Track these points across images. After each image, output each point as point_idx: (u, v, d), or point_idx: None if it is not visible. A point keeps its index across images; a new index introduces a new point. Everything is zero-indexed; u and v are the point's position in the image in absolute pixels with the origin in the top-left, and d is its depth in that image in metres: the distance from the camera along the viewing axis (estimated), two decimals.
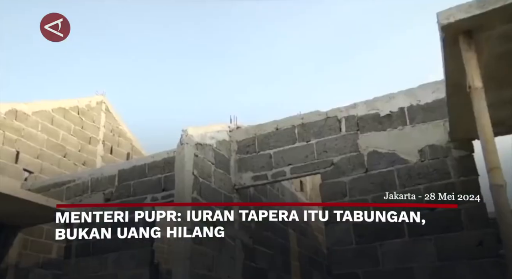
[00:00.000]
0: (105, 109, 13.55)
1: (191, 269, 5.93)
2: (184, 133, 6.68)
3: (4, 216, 8.59)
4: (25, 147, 10.45)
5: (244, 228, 7.47)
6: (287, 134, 7.25)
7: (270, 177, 7.19)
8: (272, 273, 8.16)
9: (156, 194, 7.92)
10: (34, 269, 9.72)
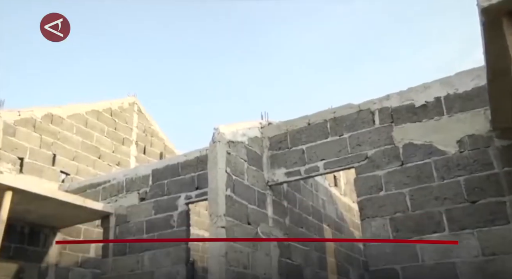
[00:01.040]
0: (137, 110, 13.74)
1: (226, 267, 5.91)
2: (216, 131, 6.67)
3: (44, 217, 8.81)
4: (61, 150, 10.69)
5: (278, 225, 7.42)
6: (319, 129, 7.13)
7: (303, 173, 7.10)
8: (308, 270, 8.08)
9: (190, 192, 7.97)
10: (73, 268, 9.95)
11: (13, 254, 8.64)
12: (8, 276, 8.52)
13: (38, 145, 10.20)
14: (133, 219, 8.44)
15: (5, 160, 9.37)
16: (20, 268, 8.74)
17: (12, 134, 9.67)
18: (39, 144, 10.23)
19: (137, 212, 8.46)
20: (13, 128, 9.73)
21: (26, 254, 8.89)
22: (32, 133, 10.13)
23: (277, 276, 6.97)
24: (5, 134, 9.52)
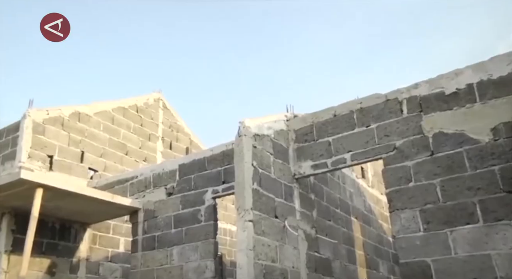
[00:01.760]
0: (163, 106, 13.84)
1: (255, 260, 5.90)
2: (242, 125, 6.65)
3: (74, 213, 8.97)
4: (89, 147, 10.84)
5: (306, 218, 7.37)
6: (346, 120, 7.02)
7: (330, 165, 7.00)
8: (337, 263, 8.01)
9: (217, 187, 7.97)
10: (104, 262, 10.12)
11: (45, 249, 8.83)
12: (42, 271, 8.71)
13: (67, 143, 10.37)
14: (161, 214, 8.51)
15: (35, 158, 9.56)
16: (53, 262, 8.93)
17: (41, 133, 9.85)
18: (68, 142, 10.40)
19: (164, 207, 8.52)
20: (42, 127, 9.91)
21: (57, 249, 9.08)
22: (60, 132, 10.30)
23: (305, 270, 6.93)
24: (34, 133, 9.71)
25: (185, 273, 7.85)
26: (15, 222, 8.33)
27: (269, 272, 6.11)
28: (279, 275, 6.30)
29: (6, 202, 7.99)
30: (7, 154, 9.76)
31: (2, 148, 9.98)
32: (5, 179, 7.52)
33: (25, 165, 9.25)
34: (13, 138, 9.77)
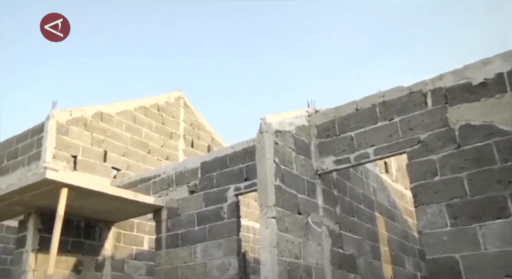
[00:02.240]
0: (184, 104, 13.90)
1: (278, 257, 5.86)
2: (263, 121, 6.60)
3: (98, 212, 9.06)
4: (111, 146, 10.95)
5: (329, 214, 7.29)
6: (368, 114, 6.90)
7: (352, 160, 6.90)
8: (361, 259, 7.92)
9: (239, 184, 7.95)
10: (128, 260, 10.22)
11: (71, 248, 8.94)
12: (68, 269, 8.83)
13: (90, 143, 10.49)
14: (184, 212, 8.53)
15: (59, 158, 9.70)
16: (78, 261, 9.04)
17: (65, 133, 9.99)
18: (91, 142, 10.52)
19: (187, 205, 8.54)
20: (65, 127, 10.05)
21: (83, 247, 9.19)
22: (83, 132, 10.43)
23: (329, 266, 6.86)
24: (58, 134, 9.85)
25: (209, 271, 7.86)
26: (41, 221, 8.45)
27: (293, 268, 6.07)
28: (303, 272, 6.25)
29: (32, 201, 8.12)
30: (32, 155, 9.93)
31: (27, 149, 10.16)
32: (31, 179, 7.63)
33: (50, 165, 9.40)
34: (38, 139, 9.93)
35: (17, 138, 10.62)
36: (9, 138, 10.88)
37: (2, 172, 10.61)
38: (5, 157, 10.73)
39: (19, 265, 8.36)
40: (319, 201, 7.16)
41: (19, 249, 8.51)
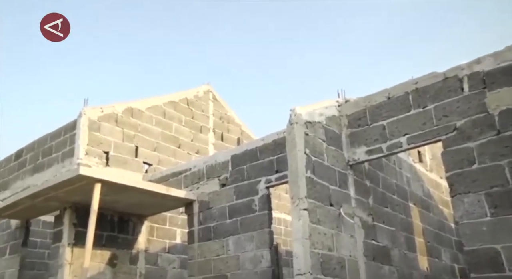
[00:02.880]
0: (212, 98, 13.92)
1: (311, 249, 5.79)
2: (293, 112, 6.51)
3: (131, 206, 9.19)
4: (142, 141, 11.07)
5: (361, 205, 7.16)
6: (400, 102, 6.70)
7: (385, 150, 6.74)
8: (395, 251, 7.76)
9: (270, 176, 7.90)
10: (162, 253, 10.34)
11: (105, 242, 9.10)
12: (103, 262, 9.00)
13: (121, 138, 10.62)
14: (215, 205, 8.55)
15: (92, 154, 9.86)
16: (113, 254, 9.20)
17: (97, 130, 10.14)
18: (122, 137, 10.65)
19: (218, 198, 8.56)
20: (97, 124, 10.20)
21: (117, 241, 9.34)
22: (115, 128, 10.57)
23: (363, 258, 6.75)
24: (90, 131, 10.01)
25: (241, 263, 7.86)
26: (76, 216, 8.63)
27: (326, 261, 5.99)
28: (336, 264, 6.17)
29: (67, 197, 8.29)
30: (66, 152, 10.12)
31: (60, 146, 10.37)
32: (65, 175, 7.79)
33: (83, 161, 9.57)
34: (71, 136, 10.12)
35: (51, 136, 10.85)
36: (43, 136, 11.14)
37: (37, 169, 10.88)
38: (40, 154, 10.98)
39: (56, 259, 8.57)
40: (351, 192, 7.04)
41: (55, 243, 8.72)
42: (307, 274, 5.61)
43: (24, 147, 11.70)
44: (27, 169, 11.25)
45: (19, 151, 11.84)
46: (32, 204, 8.67)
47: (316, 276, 5.71)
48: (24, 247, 10.28)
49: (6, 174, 11.96)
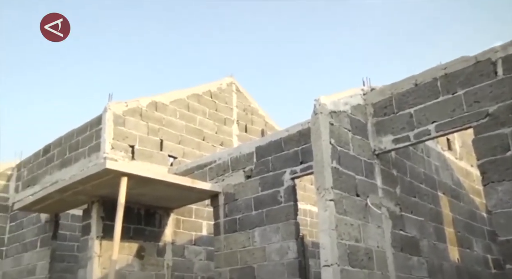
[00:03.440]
0: (236, 90, 13.88)
1: (338, 240, 5.71)
2: (317, 102, 6.41)
3: (157, 199, 9.26)
4: (167, 135, 11.13)
5: (389, 195, 7.03)
6: (428, 88, 6.50)
7: (412, 138, 6.58)
8: (424, 241, 7.60)
9: (295, 167, 7.83)
10: (188, 245, 10.41)
11: (133, 234, 9.21)
12: (131, 254, 9.11)
13: (146, 132, 10.70)
14: (240, 197, 8.54)
15: (118, 148, 9.96)
16: (141, 247, 9.31)
17: (122, 124, 10.23)
18: (147, 131, 10.73)
19: (244, 190, 8.54)
20: (122, 118, 10.28)
21: (144, 234, 9.44)
22: (139, 122, 10.64)
23: (391, 249, 6.63)
24: (115, 125, 10.10)
25: (267, 255, 7.84)
26: (104, 210, 8.74)
27: (353, 252, 5.90)
28: (363, 255, 6.07)
29: (94, 191, 8.39)
30: (92, 146, 10.26)
31: (87, 141, 10.51)
32: (92, 169, 7.89)
33: (109, 155, 9.68)
34: (97, 131, 10.24)
35: (77, 131, 11.01)
36: (70, 132, 11.30)
37: (65, 164, 11.06)
38: (67, 149, 11.15)
39: (85, 251, 8.72)
40: (378, 182, 6.92)
41: (84, 236, 8.87)
42: (334, 265, 5.54)
43: (52, 143, 11.91)
44: (55, 164, 11.46)
45: (47, 146, 12.06)
46: (60, 198, 8.82)
47: (344, 267, 5.64)
48: (54, 240, 10.52)
49: (35, 169, 12.21)
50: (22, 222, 11.76)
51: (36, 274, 10.55)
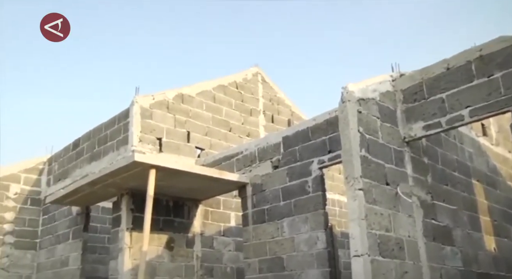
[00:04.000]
0: (261, 80, 13.79)
1: (368, 230, 5.59)
2: (345, 90, 6.25)
3: (185, 191, 9.31)
4: (194, 127, 11.16)
5: (419, 183, 6.84)
6: (462, 72, 6.25)
7: (444, 124, 6.35)
8: (458, 231, 7.38)
9: (323, 156, 7.73)
10: (217, 236, 10.45)
11: (162, 226, 9.30)
12: (161, 246, 9.21)
13: (173, 125, 10.75)
14: (268, 187, 8.49)
15: (145, 141, 10.04)
16: (170, 238, 9.39)
17: (149, 117, 10.31)
18: (174, 123, 10.78)
19: (271, 180, 8.48)
20: (149, 111, 10.36)
21: (173, 225, 9.52)
22: (166, 114, 10.71)
23: (422, 239, 6.45)
24: (143, 118, 10.19)
25: (296, 245, 7.79)
26: (133, 202, 8.84)
27: (383, 241, 5.77)
28: (394, 245, 5.93)
29: (124, 183, 8.49)
30: (120, 140, 10.37)
31: (115, 134, 10.64)
32: (121, 162, 7.97)
33: (137, 148, 9.78)
34: (124, 124, 10.35)
35: (106, 125, 11.15)
36: (98, 126, 11.46)
37: (94, 157, 11.24)
38: (96, 143, 11.32)
39: (116, 243, 8.85)
40: (408, 170, 6.73)
41: (115, 228, 8.99)
42: (364, 255, 5.43)
43: (81, 137, 12.12)
44: (84, 158, 11.66)
45: (76, 140, 12.28)
46: (91, 191, 8.96)
47: (374, 258, 5.52)
48: (85, 232, 10.73)
49: (66, 163, 12.45)
50: (54, 214, 12.05)
51: (69, 265, 10.81)
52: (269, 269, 8.11)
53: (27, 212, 12.74)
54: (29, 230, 12.61)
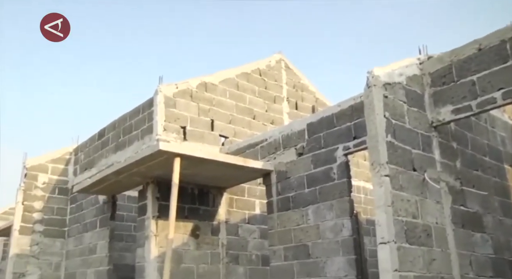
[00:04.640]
0: (285, 67, 13.63)
1: (394, 217, 5.48)
2: (370, 74, 6.10)
3: (210, 179, 9.33)
4: (217, 115, 11.13)
5: (448, 169, 6.66)
6: (495, 52, 5.99)
7: (474, 107, 6.14)
8: (488, 217, 7.19)
9: (348, 143, 7.62)
10: (242, 224, 10.46)
11: (188, 214, 9.36)
12: (186, 233, 9.28)
13: (197, 113, 10.75)
14: (293, 175, 8.43)
15: (170, 130, 10.07)
16: (196, 226, 9.45)
17: (173, 106, 10.32)
18: (197, 112, 10.77)
19: (296, 168, 8.42)
20: (173, 100, 10.37)
21: (198, 213, 9.57)
22: (190, 103, 10.70)
23: (451, 225, 6.30)
24: (167, 107, 10.21)
25: (321, 232, 7.73)
26: (159, 190, 8.91)
27: (410, 228, 5.65)
28: (421, 232, 5.80)
29: (149, 172, 8.55)
30: (145, 129, 10.44)
31: (140, 123, 10.70)
32: (146, 151, 8.01)
33: (162, 137, 9.82)
34: (149, 114, 10.40)
35: (130, 114, 11.22)
36: (123, 115, 11.55)
37: (119, 147, 11.35)
38: (121, 133, 11.42)
39: (142, 231, 8.95)
40: (436, 155, 6.55)
41: (141, 216, 9.09)
42: (391, 242, 5.34)
43: (106, 127, 12.24)
44: (110, 147, 11.79)
45: (102, 130, 12.42)
46: (117, 180, 9.07)
47: (401, 245, 5.42)
48: (112, 221, 10.91)
49: (91, 153, 12.63)
50: (82, 203, 12.28)
51: (97, 252, 11.02)
52: (294, 256, 8.09)
53: (55, 201, 13.01)
54: (58, 218, 12.89)
